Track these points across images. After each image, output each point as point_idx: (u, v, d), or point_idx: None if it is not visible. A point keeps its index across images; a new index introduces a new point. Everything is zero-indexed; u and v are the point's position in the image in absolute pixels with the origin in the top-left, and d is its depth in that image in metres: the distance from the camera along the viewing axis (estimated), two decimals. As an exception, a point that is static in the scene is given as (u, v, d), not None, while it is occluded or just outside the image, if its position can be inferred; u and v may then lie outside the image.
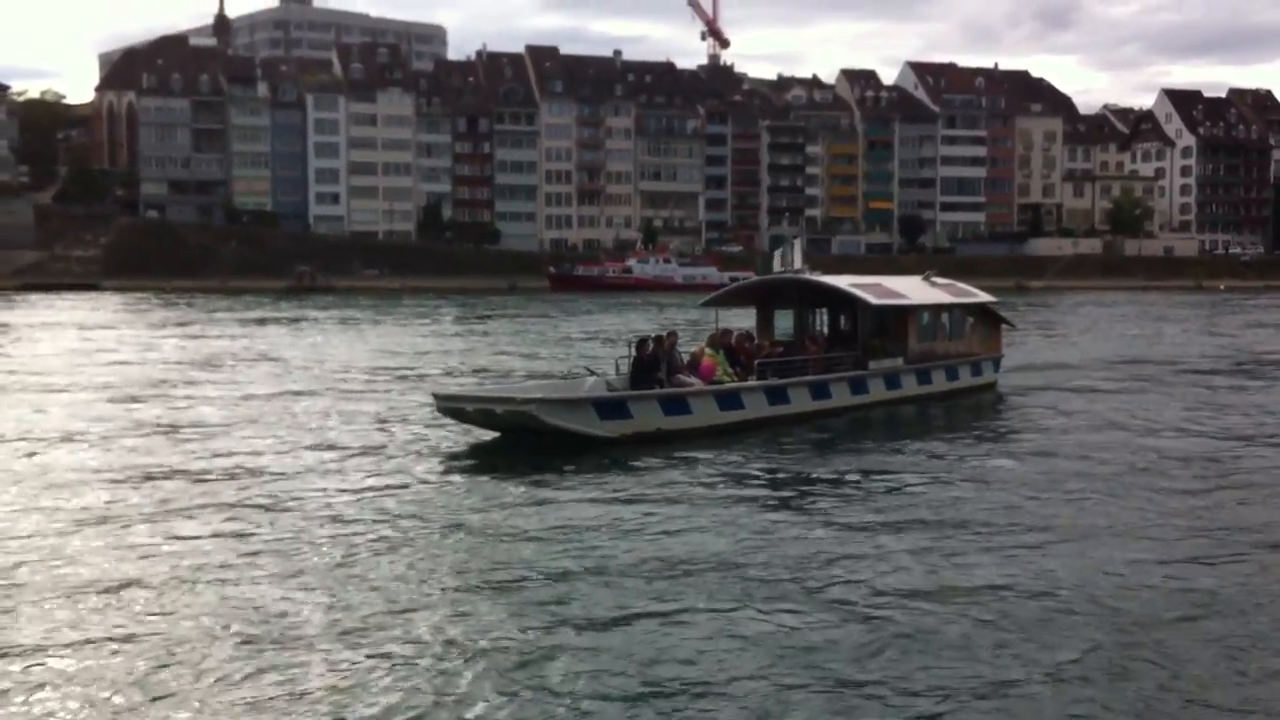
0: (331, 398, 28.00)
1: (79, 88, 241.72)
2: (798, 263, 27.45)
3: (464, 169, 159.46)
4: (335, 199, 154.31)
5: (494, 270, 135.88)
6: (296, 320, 65.02)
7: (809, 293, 27.40)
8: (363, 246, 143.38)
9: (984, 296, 30.85)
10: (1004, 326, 31.64)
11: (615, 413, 20.84)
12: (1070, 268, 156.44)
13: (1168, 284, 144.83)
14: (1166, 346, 47.46)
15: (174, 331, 55.27)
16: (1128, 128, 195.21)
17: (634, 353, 22.36)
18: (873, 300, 26.19)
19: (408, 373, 34.69)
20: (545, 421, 19.87)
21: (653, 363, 22.00)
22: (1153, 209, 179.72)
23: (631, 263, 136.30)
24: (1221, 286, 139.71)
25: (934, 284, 29.65)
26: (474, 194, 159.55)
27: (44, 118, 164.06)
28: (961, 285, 31.07)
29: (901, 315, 27.07)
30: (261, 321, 63.70)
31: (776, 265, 28.05)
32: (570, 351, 44.24)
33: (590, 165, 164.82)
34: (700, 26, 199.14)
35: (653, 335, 23.35)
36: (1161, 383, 32.79)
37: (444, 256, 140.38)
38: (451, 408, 21.21)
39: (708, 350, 23.56)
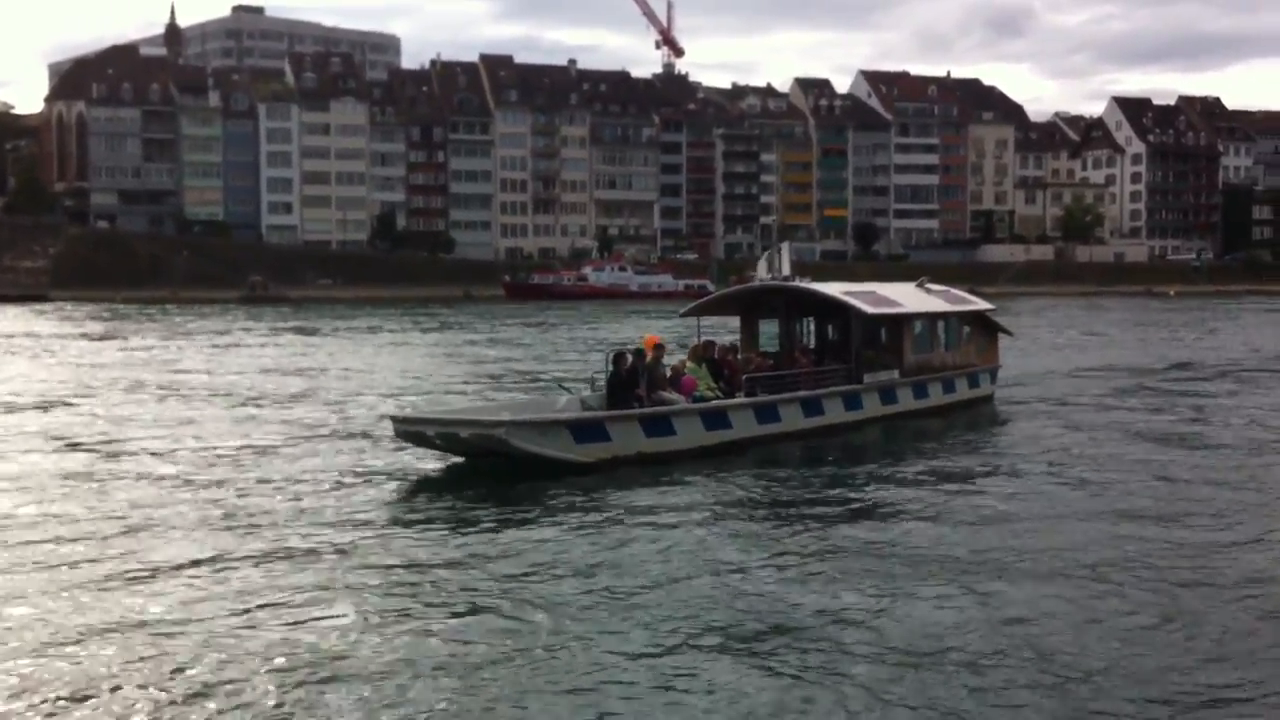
0: (277, 419, 25.89)
1: (28, 98, 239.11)
2: (786, 269, 25.50)
3: (418, 178, 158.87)
4: (288, 208, 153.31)
5: (449, 279, 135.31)
6: (247, 332, 64.12)
7: (796, 301, 25.54)
8: (316, 256, 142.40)
9: (981, 304, 29.31)
10: (1001, 335, 29.96)
11: (592, 435, 18.94)
12: (1022, 274, 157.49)
13: (1119, 290, 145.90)
14: (1150, 353, 46.98)
15: (119, 345, 54.51)
16: (1078, 135, 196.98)
17: (611, 367, 20.34)
18: (867, 309, 24.27)
19: (361, 390, 32.76)
20: (515, 446, 17.98)
21: (632, 378, 20.10)
22: (1103, 215, 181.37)
23: (587, 271, 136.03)
24: (1172, 292, 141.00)
25: (929, 291, 27.90)
26: (428, 203, 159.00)
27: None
28: (956, 292, 29.32)
29: (896, 325, 25.35)
30: (211, 333, 62.77)
31: (762, 272, 26.25)
32: (533, 362, 43.41)
33: (545, 174, 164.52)
34: (655, 36, 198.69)
35: (631, 348, 21.28)
36: (1156, 391, 32.14)
37: (398, 266, 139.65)
38: (411, 431, 19.11)
39: (689, 364, 21.78)
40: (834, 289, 25.43)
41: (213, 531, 14.77)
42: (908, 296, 26.70)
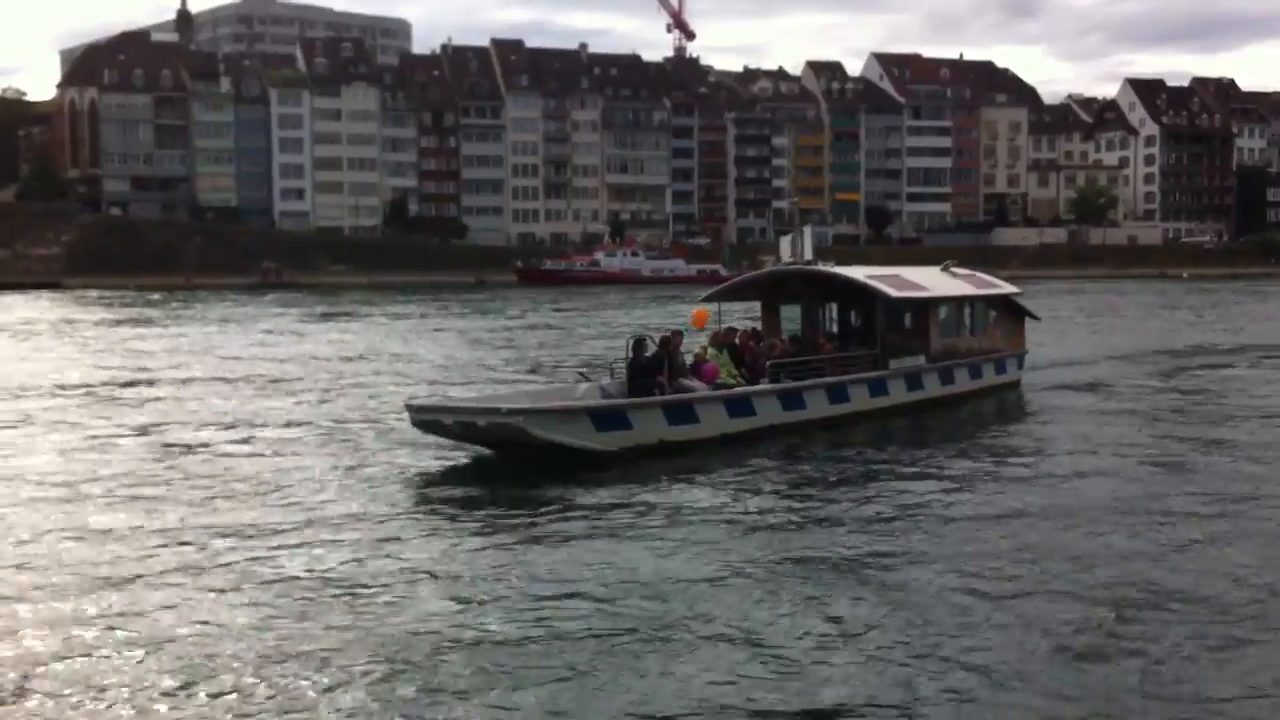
0: (290, 408, 25.64)
1: (40, 85, 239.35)
2: (808, 253, 24.86)
3: (430, 163, 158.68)
4: (300, 195, 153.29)
5: (461, 265, 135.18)
6: (260, 318, 64.01)
7: (819, 285, 24.94)
8: (328, 242, 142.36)
9: (1007, 287, 28.75)
10: (1028, 320, 29.38)
11: (614, 423, 18.60)
12: (1035, 257, 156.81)
13: (1132, 272, 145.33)
14: (1174, 336, 46.48)
15: (135, 332, 54.56)
16: (1092, 117, 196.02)
17: (632, 354, 20.07)
18: (893, 293, 23.76)
19: (375, 377, 32.44)
20: (535, 435, 17.66)
21: (653, 365, 19.77)
22: (1117, 198, 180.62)
23: (599, 256, 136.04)
24: (1184, 275, 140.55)
25: (954, 274, 27.37)
26: (440, 188, 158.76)
27: (5, 115, 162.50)
28: (983, 275, 28.90)
29: (923, 309, 24.89)
30: (225, 320, 62.75)
31: (785, 255, 25.62)
32: (550, 348, 43.16)
33: (557, 159, 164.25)
34: (666, 19, 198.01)
35: (654, 335, 20.95)
36: (1185, 375, 31.77)
37: (410, 251, 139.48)
38: (427, 420, 18.79)
39: (710, 350, 21.38)
40: (858, 273, 24.95)
41: (235, 525, 14.61)
42: (933, 280, 26.20)
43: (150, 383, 31.55)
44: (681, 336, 20.97)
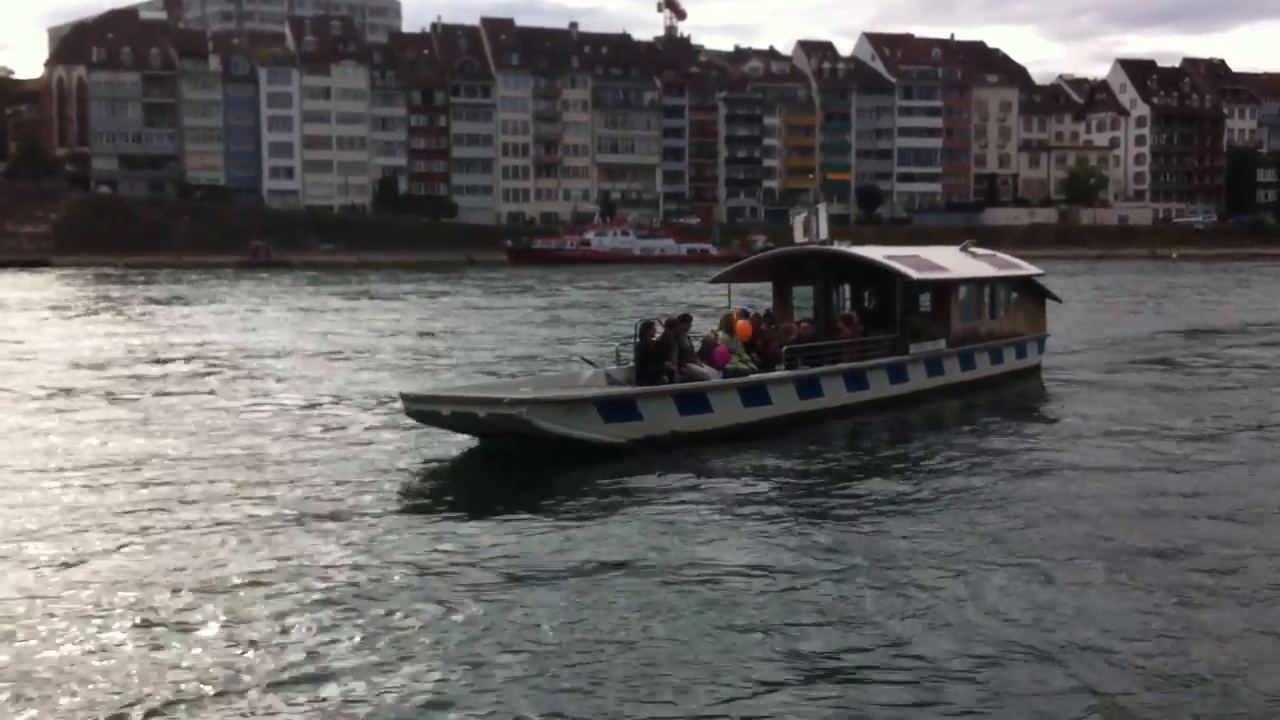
0: (278, 398, 24.37)
1: (28, 62, 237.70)
2: (823, 232, 23.69)
3: (419, 142, 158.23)
4: (289, 173, 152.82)
5: (451, 244, 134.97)
6: (248, 299, 63.54)
7: (834, 266, 23.86)
8: (318, 221, 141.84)
9: (1029, 268, 27.67)
10: (1049, 301, 28.48)
11: (622, 414, 17.53)
12: (1026, 238, 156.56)
13: (1122, 253, 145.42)
14: (1186, 317, 46.12)
15: (121, 313, 54.29)
16: (1082, 98, 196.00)
17: (639, 338, 18.92)
18: (914, 274, 22.64)
19: (366, 362, 31.23)
20: (539, 426, 16.61)
21: (662, 350, 18.70)
22: (1107, 178, 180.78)
23: (589, 235, 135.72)
24: (1174, 255, 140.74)
25: (974, 255, 26.36)
26: (430, 167, 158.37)
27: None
28: (1003, 256, 27.87)
29: (942, 291, 23.88)
30: (212, 300, 62.27)
31: (798, 235, 24.33)
32: (547, 329, 42.69)
33: (547, 138, 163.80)
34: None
35: (660, 319, 19.82)
36: (1206, 357, 31.44)
37: (400, 231, 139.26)
38: (423, 410, 17.71)
39: (721, 334, 20.30)
40: (876, 253, 23.85)
41: (226, 526, 13.91)
42: (953, 261, 25.22)
43: (132, 366, 31.05)
44: (689, 321, 20.18)
